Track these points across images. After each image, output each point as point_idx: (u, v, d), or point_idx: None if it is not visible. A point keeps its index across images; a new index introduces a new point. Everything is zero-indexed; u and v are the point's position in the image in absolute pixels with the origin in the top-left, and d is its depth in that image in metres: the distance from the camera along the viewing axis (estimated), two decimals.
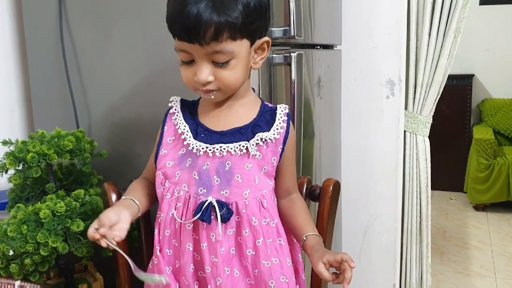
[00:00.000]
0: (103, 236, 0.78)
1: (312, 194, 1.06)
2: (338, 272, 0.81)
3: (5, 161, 1.07)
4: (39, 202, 1.04)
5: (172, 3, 0.79)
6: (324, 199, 1.03)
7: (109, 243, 0.78)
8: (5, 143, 1.10)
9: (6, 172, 1.08)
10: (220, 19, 0.75)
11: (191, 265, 0.87)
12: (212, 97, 0.85)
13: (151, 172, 0.95)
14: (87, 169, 1.19)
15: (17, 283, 1.05)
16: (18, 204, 1.07)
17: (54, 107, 1.36)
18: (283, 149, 0.89)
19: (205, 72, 0.80)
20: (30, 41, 1.37)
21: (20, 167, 1.10)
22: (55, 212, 1.01)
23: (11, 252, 1.00)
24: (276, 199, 0.93)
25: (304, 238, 0.90)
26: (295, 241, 0.95)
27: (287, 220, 0.94)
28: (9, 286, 1.05)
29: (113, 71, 1.26)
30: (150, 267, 0.93)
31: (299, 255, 0.96)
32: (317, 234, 0.92)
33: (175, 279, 0.89)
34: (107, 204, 0.98)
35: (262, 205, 0.87)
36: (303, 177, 1.07)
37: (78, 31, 1.28)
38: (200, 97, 0.93)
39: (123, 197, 0.91)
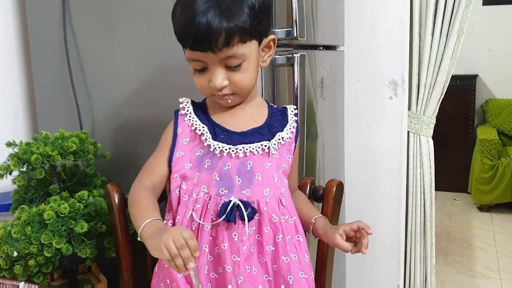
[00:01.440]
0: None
1: (315, 195, 1.06)
2: (354, 243, 0.87)
3: (9, 162, 1.07)
4: (43, 204, 1.04)
5: (179, 16, 0.80)
6: (327, 199, 1.03)
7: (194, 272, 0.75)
8: (9, 144, 1.11)
9: (10, 173, 1.09)
10: (230, 25, 0.77)
11: (206, 266, 0.87)
12: (229, 101, 0.86)
13: (157, 177, 0.90)
14: (91, 171, 1.19)
15: (21, 284, 1.05)
16: (22, 206, 1.08)
17: (58, 109, 1.36)
18: (294, 147, 0.93)
19: (220, 77, 0.82)
20: (34, 43, 1.38)
21: (24, 169, 1.10)
22: (59, 213, 1.01)
23: (15, 253, 1.01)
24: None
25: (313, 221, 0.94)
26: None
27: None
28: (13, 287, 1.06)
29: (117, 72, 1.26)
30: (157, 270, 0.93)
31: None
32: (324, 216, 0.96)
33: (187, 281, 0.87)
34: (110, 205, 0.98)
35: (281, 203, 0.89)
36: (306, 178, 1.07)
37: (82, 32, 1.29)
38: (206, 98, 0.93)
39: (153, 218, 0.80)
